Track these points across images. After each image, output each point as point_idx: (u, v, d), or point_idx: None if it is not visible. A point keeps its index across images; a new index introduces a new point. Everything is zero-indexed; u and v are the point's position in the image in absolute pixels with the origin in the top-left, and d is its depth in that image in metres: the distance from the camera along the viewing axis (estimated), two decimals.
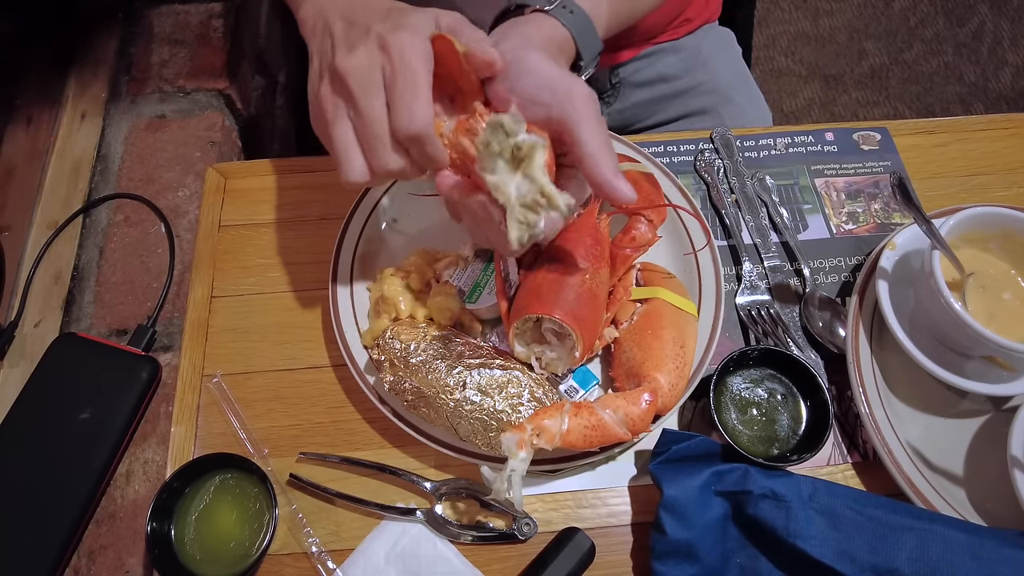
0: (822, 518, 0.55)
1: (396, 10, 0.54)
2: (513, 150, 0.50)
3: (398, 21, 0.52)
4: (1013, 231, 0.64)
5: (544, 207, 0.50)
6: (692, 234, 0.71)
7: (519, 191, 0.50)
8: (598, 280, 0.62)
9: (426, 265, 0.68)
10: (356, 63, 0.51)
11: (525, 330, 0.62)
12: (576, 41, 0.61)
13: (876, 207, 0.78)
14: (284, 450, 0.65)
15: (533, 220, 0.51)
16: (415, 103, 0.50)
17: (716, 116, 0.95)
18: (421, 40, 0.51)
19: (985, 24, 2.05)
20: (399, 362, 0.60)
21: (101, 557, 0.62)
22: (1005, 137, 0.82)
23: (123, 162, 0.82)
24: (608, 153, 0.53)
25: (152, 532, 0.57)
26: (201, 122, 0.85)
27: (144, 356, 0.69)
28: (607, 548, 0.60)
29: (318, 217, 0.77)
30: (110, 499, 0.64)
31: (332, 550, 0.60)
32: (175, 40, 0.91)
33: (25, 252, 0.77)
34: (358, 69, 0.51)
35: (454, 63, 0.53)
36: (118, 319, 0.73)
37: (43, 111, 0.86)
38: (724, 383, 0.63)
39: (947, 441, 0.64)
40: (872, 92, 1.98)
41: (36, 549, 0.60)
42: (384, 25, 0.52)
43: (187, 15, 0.92)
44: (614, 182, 0.52)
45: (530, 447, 0.54)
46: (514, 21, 0.60)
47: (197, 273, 0.74)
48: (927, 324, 0.65)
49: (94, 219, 0.79)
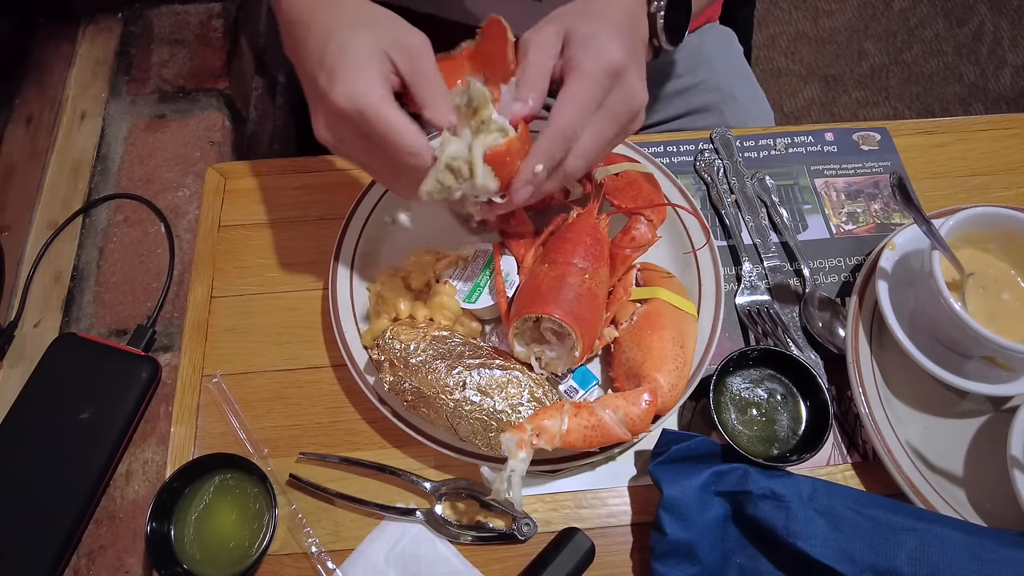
0: (822, 518, 0.55)
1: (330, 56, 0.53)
2: (478, 123, 0.53)
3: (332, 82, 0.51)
4: (1013, 231, 0.64)
5: (466, 180, 0.53)
6: (692, 234, 0.71)
7: (453, 153, 0.53)
8: (598, 280, 0.62)
9: (426, 265, 0.68)
10: (331, 139, 0.55)
11: (525, 330, 0.62)
12: None
13: (876, 207, 0.78)
14: (284, 450, 0.65)
15: (448, 183, 0.53)
16: (413, 167, 0.53)
17: (719, 113, 0.95)
18: (372, 105, 0.51)
19: (985, 24, 2.05)
20: (399, 362, 0.60)
21: (101, 557, 0.62)
22: (1005, 137, 0.82)
23: (123, 162, 0.82)
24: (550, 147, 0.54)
25: (152, 532, 0.57)
26: (201, 122, 0.85)
27: (144, 356, 0.69)
28: (607, 548, 0.60)
29: (318, 217, 0.77)
30: (110, 499, 0.64)
31: (332, 550, 0.60)
32: (175, 40, 0.90)
33: (25, 252, 0.77)
34: (338, 146, 0.55)
35: (498, 47, 0.56)
36: (118, 319, 0.73)
37: (43, 111, 0.86)
38: (724, 383, 0.63)
39: (947, 441, 0.64)
40: (872, 92, 1.98)
41: (36, 549, 0.60)
42: (326, 83, 0.52)
43: (187, 15, 0.92)
44: (518, 180, 0.54)
45: (530, 447, 0.54)
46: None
47: (197, 273, 0.74)
48: (927, 324, 0.65)
49: (94, 219, 0.79)
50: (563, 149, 0.54)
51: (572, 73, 0.54)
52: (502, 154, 0.54)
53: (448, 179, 0.53)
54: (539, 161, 0.54)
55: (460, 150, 0.53)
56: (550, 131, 0.53)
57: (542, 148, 0.54)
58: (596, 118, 0.55)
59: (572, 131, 0.54)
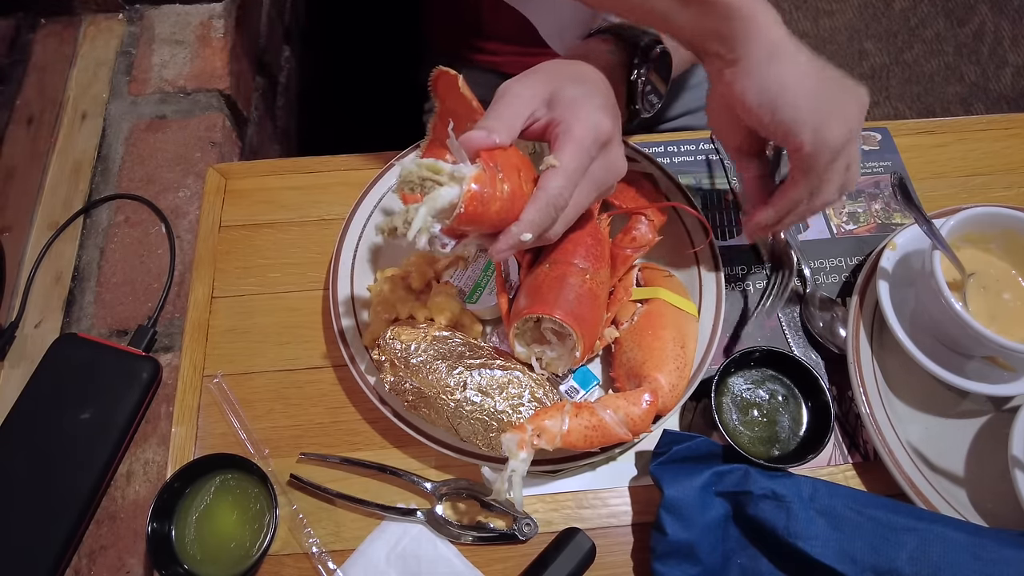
0: (823, 518, 0.55)
1: None
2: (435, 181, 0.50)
3: None
4: (1014, 231, 0.64)
5: (402, 235, 0.50)
6: (692, 234, 0.71)
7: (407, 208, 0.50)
8: (598, 280, 0.62)
9: (426, 265, 0.68)
10: None
11: (525, 330, 0.62)
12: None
13: (877, 207, 0.78)
14: (285, 450, 0.65)
15: (395, 224, 0.50)
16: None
17: None
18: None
19: (985, 24, 2.05)
20: (400, 362, 0.60)
21: (102, 557, 0.62)
22: (1005, 137, 0.82)
23: (124, 162, 0.82)
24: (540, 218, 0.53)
25: (153, 532, 0.58)
26: (201, 122, 0.85)
27: (145, 356, 0.69)
28: (607, 548, 0.60)
29: (318, 217, 0.77)
30: (111, 499, 0.64)
31: (333, 550, 0.60)
32: (175, 40, 0.91)
33: (26, 253, 0.77)
34: None
35: (458, 101, 0.55)
36: (119, 319, 0.73)
37: (44, 111, 0.86)
38: (725, 384, 0.63)
39: (948, 441, 0.64)
40: (872, 92, 1.96)
41: (37, 549, 0.60)
42: None
43: (187, 15, 0.92)
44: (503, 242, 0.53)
45: (531, 447, 0.54)
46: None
47: (198, 273, 0.74)
48: (928, 324, 0.65)
49: (95, 219, 0.79)
50: (552, 219, 0.53)
51: (562, 138, 0.53)
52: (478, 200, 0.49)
53: (397, 221, 0.50)
54: (527, 230, 0.52)
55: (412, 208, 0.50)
56: (541, 200, 0.52)
57: (532, 218, 0.52)
58: (581, 186, 0.55)
59: (563, 200, 0.53)
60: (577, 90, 0.55)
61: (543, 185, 0.53)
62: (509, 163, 0.52)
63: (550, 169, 0.53)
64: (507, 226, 0.52)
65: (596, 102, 0.55)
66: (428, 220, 0.49)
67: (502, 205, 0.51)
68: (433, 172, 0.49)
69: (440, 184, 0.49)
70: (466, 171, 0.49)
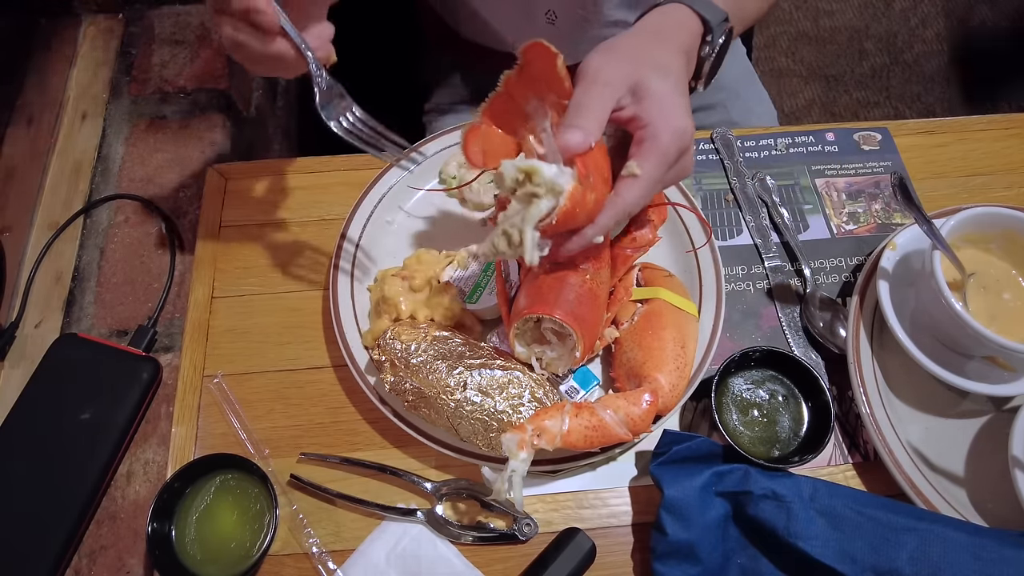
0: (823, 518, 0.55)
1: None
2: (526, 195, 0.51)
3: None
4: (1014, 231, 0.64)
5: (516, 247, 0.52)
6: (692, 234, 0.71)
7: (509, 217, 0.52)
8: (599, 280, 0.62)
9: (427, 265, 0.68)
10: None
11: (526, 330, 0.62)
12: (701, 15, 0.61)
13: (877, 207, 0.78)
14: (285, 450, 0.65)
15: (501, 248, 0.53)
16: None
17: (723, 111, 0.95)
18: None
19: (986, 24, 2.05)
20: (400, 363, 0.60)
21: (102, 557, 0.62)
22: (1005, 137, 0.82)
23: (124, 162, 0.82)
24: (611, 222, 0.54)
25: (153, 532, 0.58)
26: (201, 123, 0.85)
27: (145, 356, 0.68)
28: (608, 548, 0.60)
29: (318, 217, 0.77)
30: (111, 499, 0.64)
31: (333, 551, 0.60)
32: (176, 41, 0.91)
33: (26, 253, 0.77)
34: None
35: (546, 68, 0.55)
36: (119, 319, 0.73)
37: (44, 111, 0.86)
38: (725, 384, 0.63)
39: (948, 441, 0.64)
40: (873, 92, 1.98)
41: (37, 549, 0.60)
42: None
43: (187, 15, 0.92)
44: (575, 241, 0.54)
45: (531, 448, 0.54)
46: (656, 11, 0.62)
47: (198, 273, 0.74)
48: (928, 324, 0.65)
49: (95, 220, 0.79)
50: (621, 223, 0.55)
51: (648, 144, 0.53)
52: (567, 213, 0.52)
53: (502, 244, 0.53)
54: (600, 233, 0.55)
55: (514, 215, 0.52)
56: (618, 208, 0.54)
57: (606, 223, 0.54)
58: (652, 189, 0.55)
59: (636, 208, 0.55)
60: (664, 84, 0.54)
61: (621, 193, 0.54)
62: (598, 169, 0.54)
63: (631, 178, 0.53)
64: (580, 228, 0.54)
65: (682, 103, 0.54)
66: (535, 236, 0.52)
67: (586, 215, 0.53)
68: (529, 174, 0.51)
69: (537, 196, 0.51)
70: (563, 184, 0.50)
